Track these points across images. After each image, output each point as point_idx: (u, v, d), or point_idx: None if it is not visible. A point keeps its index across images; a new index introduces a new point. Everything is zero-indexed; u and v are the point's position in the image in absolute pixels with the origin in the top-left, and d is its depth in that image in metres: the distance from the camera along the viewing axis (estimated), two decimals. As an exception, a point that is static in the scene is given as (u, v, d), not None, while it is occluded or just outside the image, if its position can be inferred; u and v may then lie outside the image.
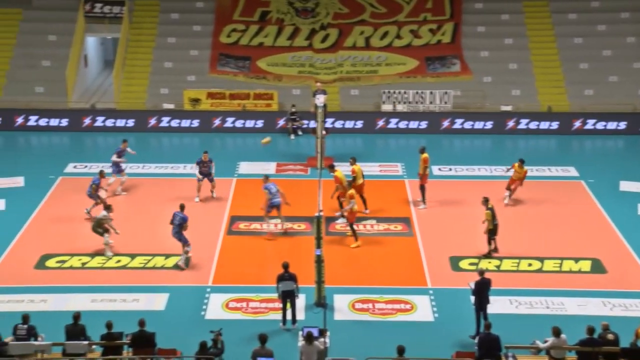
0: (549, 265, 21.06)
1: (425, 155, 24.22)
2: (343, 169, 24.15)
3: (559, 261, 21.23)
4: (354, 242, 22.06)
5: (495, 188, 25.15)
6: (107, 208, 21.70)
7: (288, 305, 18.15)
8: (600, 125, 32.00)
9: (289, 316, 18.24)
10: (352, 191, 22.52)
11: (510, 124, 31.99)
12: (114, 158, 25.67)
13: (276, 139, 31.21)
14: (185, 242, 20.75)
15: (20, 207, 24.27)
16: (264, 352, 15.49)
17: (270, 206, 22.45)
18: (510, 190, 24.58)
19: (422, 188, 24.45)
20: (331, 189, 24.81)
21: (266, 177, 22.98)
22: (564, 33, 35.53)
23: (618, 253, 21.77)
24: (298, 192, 25.72)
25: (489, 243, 21.36)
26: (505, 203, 24.37)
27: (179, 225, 20.67)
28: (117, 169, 25.66)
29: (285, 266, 18.05)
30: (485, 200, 21.29)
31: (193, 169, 25.32)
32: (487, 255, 21.27)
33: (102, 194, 24.16)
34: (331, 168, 23.99)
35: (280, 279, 17.97)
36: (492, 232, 21.21)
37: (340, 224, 23.16)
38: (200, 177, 24.73)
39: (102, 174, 24.11)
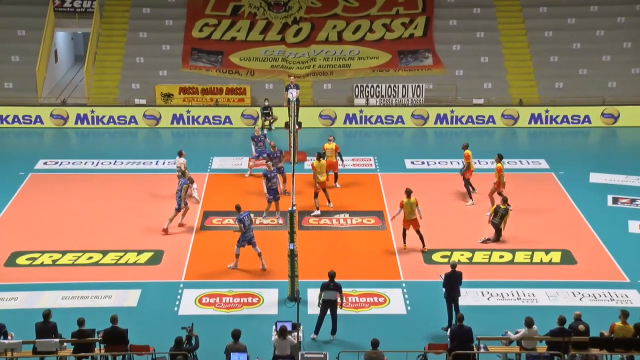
0: (520, 257, 21.23)
1: (468, 151, 24.22)
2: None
3: (530, 253, 21.41)
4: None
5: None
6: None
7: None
8: (570, 118, 32.31)
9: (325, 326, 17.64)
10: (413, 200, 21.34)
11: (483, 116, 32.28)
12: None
13: (249, 133, 31.13)
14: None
15: (-11, 204, 24.04)
16: (237, 348, 15.44)
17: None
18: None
19: (467, 183, 24.29)
20: (304, 183, 24.85)
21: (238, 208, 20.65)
22: (534, 27, 35.80)
23: (588, 244, 22.00)
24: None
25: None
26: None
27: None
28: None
29: (332, 275, 17.37)
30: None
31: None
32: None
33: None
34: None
35: (325, 287, 17.35)
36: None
37: (313, 218, 23.17)
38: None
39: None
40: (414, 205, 21.12)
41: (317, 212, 23.54)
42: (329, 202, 24.01)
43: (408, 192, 21.25)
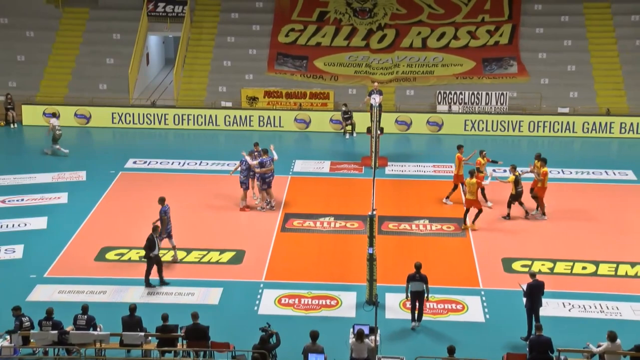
0: (604, 269, 20.83)
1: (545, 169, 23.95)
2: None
3: (615, 265, 20.98)
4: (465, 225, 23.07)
5: (552, 190, 24.92)
6: None
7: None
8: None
9: None
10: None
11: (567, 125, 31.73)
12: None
13: (330, 137, 31.46)
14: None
15: (81, 201, 24.97)
16: (315, 349, 15.66)
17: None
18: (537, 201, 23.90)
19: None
20: (385, 188, 24.94)
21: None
22: (625, 35, 34.98)
23: (676, 259, 21.40)
24: (352, 191, 25.97)
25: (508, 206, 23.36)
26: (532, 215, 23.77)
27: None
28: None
29: (418, 267, 17.91)
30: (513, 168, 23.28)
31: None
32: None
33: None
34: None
35: (411, 279, 17.89)
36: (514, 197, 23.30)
37: (393, 224, 23.28)
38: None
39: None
40: (474, 187, 22.50)
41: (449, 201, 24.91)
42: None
43: (471, 173, 22.70)
